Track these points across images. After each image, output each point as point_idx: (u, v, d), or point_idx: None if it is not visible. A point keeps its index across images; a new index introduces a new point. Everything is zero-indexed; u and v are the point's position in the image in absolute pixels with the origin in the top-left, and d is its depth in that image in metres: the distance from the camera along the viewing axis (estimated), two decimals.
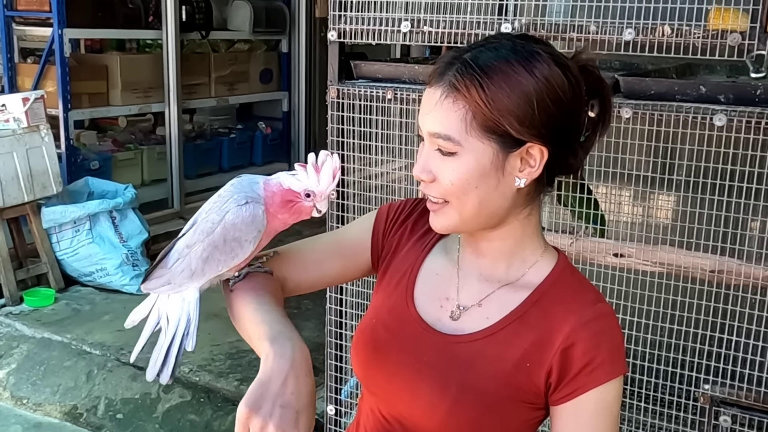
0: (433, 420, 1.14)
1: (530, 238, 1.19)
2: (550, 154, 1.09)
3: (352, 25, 2.08)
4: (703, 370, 1.93)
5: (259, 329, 1.08)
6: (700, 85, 1.78)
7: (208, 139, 6.12)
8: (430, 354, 1.17)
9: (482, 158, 1.07)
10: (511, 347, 1.13)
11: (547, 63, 1.06)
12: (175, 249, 1.19)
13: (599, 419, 1.10)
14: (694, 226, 1.92)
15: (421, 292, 1.23)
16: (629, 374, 2.04)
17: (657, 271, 2.03)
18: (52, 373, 3.58)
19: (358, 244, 1.32)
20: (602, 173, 1.99)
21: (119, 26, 5.26)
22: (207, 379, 3.47)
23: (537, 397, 1.13)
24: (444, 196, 1.11)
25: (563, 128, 1.09)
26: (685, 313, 1.92)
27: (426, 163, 1.11)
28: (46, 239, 4.35)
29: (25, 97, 4.20)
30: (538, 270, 1.18)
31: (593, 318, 1.11)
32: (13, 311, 4.13)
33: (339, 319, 2.56)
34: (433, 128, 1.09)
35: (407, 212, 1.31)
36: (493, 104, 1.04)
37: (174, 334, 1.16)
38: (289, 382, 0.99)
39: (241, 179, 1.21)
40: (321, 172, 1.16)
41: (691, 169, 1.83)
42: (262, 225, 1.16)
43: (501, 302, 1.17)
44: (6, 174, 4.08)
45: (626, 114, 1.79)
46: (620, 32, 1.78)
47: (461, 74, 1.06)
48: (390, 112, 2.11)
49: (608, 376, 1.09)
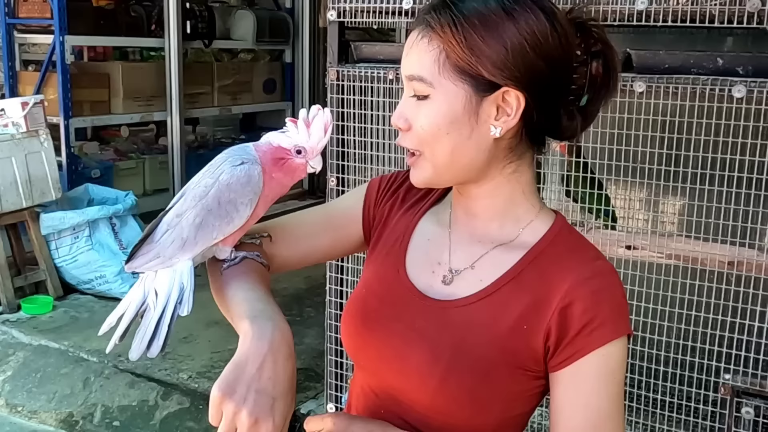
0: (426, 390, 1.06)
1: (523, 197, 1.12)
2: (529, 103, 1.02)
3: (351, 4, 2.01)
4: (723, 359, 1.83)
5: (239, 307, 1.02)
6: (718, 56, 1.70)
7: (211, 148, 6.08)
8: (421, 321, 1.10)
9: (454, 102, 1.02)
10: (506, 310, 1.06)
11: (530, 7, 1.01)
12: (163, 221, 1.11)
13: (602, 385, 1.01)
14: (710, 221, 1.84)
15: (413, 259, 1.17)
16: (644, 365, 1.95)
17: (671, 264, 1.95)
18: (48, 381, 3.51)
19: (349, 216, 1.26)
20: (613, 167, 1.92)
21: (122, 35, 5.24)
22: (206, 386, 3.38)
23: (536, 363, 1.05)
24: (417, 146, 1.06)
25: (545, 78, 1.02)
26: (704, 298, 1.83)
27: (403, 110, 1.07)
28: (44, 246, 4.28)
29: (24, 102, 4.15)
30: (534, 230, 1.11)
31: (592, 275, 1.04)
32: (10, 319, 4.06)
33: (338, 323, 2.49)
34: (409, 70, 1.05)
35: (398, 183, 1.26)
36: (465, 42, 1.00)
37: (165, 306, 1.07)
38: (266, 365, 0.93)
39: (232, 148, 1.15)
40: (311, 127, 1.10)
41: (709, 144, 1.74)
42: (258, 186, 1.09)
43: (494, 263, 1.10)
44: (4, 179, 4.03)
45: (639, 88, 1.72)
46: (632, 2, 1.70)
47: (437, 13, 1.02)
48: (391, 93, 2.03)
49: (610, 336, 1.01)
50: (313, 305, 4.21)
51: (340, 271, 2.44)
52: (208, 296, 1.14)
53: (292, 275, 4.51)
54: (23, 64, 5.26)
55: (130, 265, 1.10)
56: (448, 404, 1.06)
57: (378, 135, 2.11)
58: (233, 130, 6.63)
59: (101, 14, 5.15)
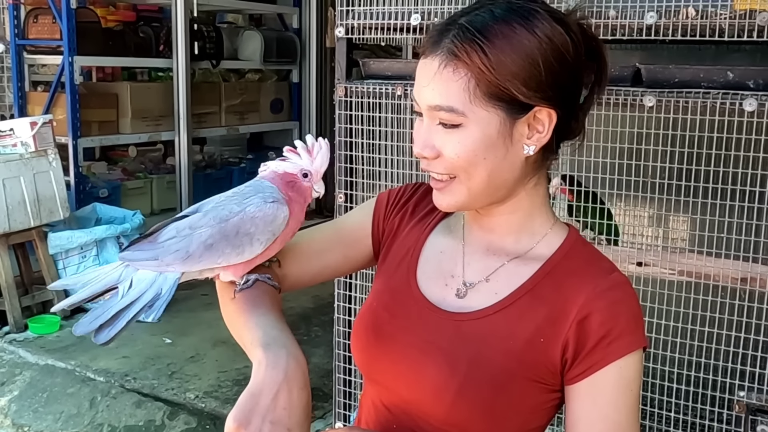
0: (441, 403, 1.05)
1: (539, 210, 1.12)
2: (559, 117, 1.02)
3: (360, 20, 2.01)
4: (737, 376, 1.81)
5: (252, 334, 1.01)
6: (728, 70, 1.70)
7: (218, 168, 6.09)
8: (436, 334, 1.09)
9: (488, 128, 1.01)
10: (522, 322, 1.05)
11: (548, 21, 1.01)
12: (172, 226, 1.10)
13: (619, 397, 1.01)
14: (721, 236, 1.83)
15: (424, 272, 1.16)
16: (657, 382, 1.92)
17: (683, 280, 1.93)
18: (54, 401, 3.49)
19: (359, 230, 1.26)
20: (624, 181, 1.91)
21: (130, 55, 5.27)
22: (213, 406, 3.36)
23: (552, 376, 1.04)
24: (450, 171, 1.04)
25: (569, 89, 1.04)
26: (716, 313, 1.81)
27: (428, 138, 1.04)
28: (52, 265, 4.28)
29: (33, 122, 4.16)
30: (549, 242, 1.11)
31: (609, 287, 1.04)
32: (17, 338, 4.05)
33: (347, 341, 2.47)
34: (434, 101, 1.02)
35: (407, 196, 1.25)
36: (497, 69, 0.98)
37: (134, 301, 1.05)
38: (281, 395, 0.92)
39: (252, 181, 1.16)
40: (313, 153, 1.13)
41: (720, 158, 1.73)
42: (279, 229, 1.10)
43: (510, 276, 1.09)
44: (12, 198, 4.03)
45: (649, 102, 1.71)
46: (641, 16, 1.70)
47: (460, 40, 1.00)
48: (399, 109, 2.03)
49: (627, 349, 1.01)
50: (320, 324, 4.19)
51: (349, 288, 2.42)
52: (214, 316, 1.13)
53: (299, 294, 4.50)
54: (32, 84, 5.29)
55: (124, 255, 1.09)
56: (464, 418, 1.04)
57: (386, 151, 2.11)
58: (240, 149, 6.64)
59: (110, 35, 5.18)
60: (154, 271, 1.08)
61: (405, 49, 4.76)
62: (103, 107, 5.08)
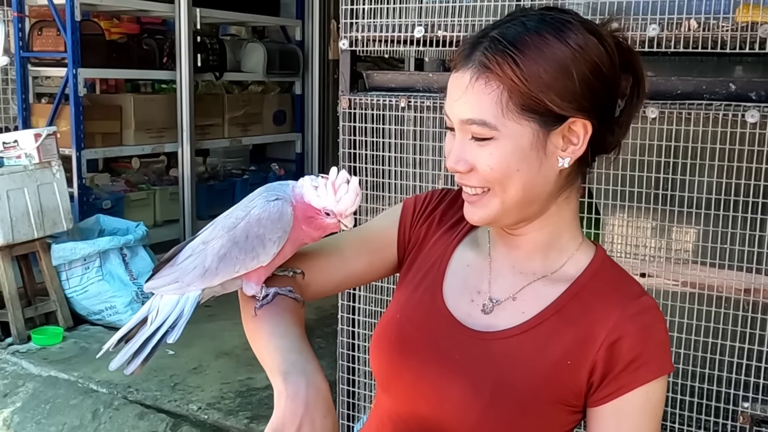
0: (464, 423, 1.04)
1: (568, 226, 1.10)
2: (594, 129, 1.01)
3: (363, 33, 2.02)
4: (741, 387, 1.80)
5: (272, 359, 0.99)
6: (730, 82, 1.70)
7: (221, 179, 6.10)
8: (461, 352, 1.07)
9: (521, 140, 0.99)
10: (550, 344, 1.04)
11: (581, 32, 0.99)
12: (188, 246, 1.10)
13: (643, 421, 1.01)
14: (725, 247, 1.83)
15: (451, 286, 1.14)
16: None
17: (687, 291, 1.93)
18: (57, 412, 3.48)
19: (384, 238, 1.23)
20: (627, 193, 1.91)
21: (134, 67, 5.29)
22: (216, 417, 3.36)
23: (577, 398, 1.03)
24: (485, 184, 1.02)
25: (604, 100, 1.02)
26: (720, 324, 1.81)
27: (460, 152, 1.02)
28: (55, 277, 4.28)
29: (37, 133, 4.18)
30: (576, 262, 1.09)
31: (639, 311, 1.03)
32: (20, 349, 4.04)
33: (351, 352, 2.47)
34: (466, 114, 1.00)
35: (434, 203, 1.23)
36: (530, 80, 0.96)
37: (159, 326, 1.06)
38: (304, 428, 0.90)
39: (271, 183, 1.14)
40: (339, 193, 1.07)
41: (723, 169, 1.73)
42: (288, 225, 1.07)
43: (537, 295, 1.08)
44: (16, 210, 4.04)
45: (652, 114, 1.71)
46: (644, 28, 1.71)
47: (491, 52, 0.98)
48: (403, 121, 2.04)
49: (655, 374, 1.00)
50: (323, 336, 4.19)
51: (352, 300, 2.42)
52: (217, 327, 1.13)
53: None
54: (37, 96, 5.32)
55: (149, 285, 1.10)
56: None
57: (390, 162, 2.11)
58: (243, 161, 6.65)
59: (114, 47, 5.20)
60: (177, 294, 1.08)
61: (407, 61, 4.78)
62: (107, 119, 5.10)
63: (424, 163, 2.07)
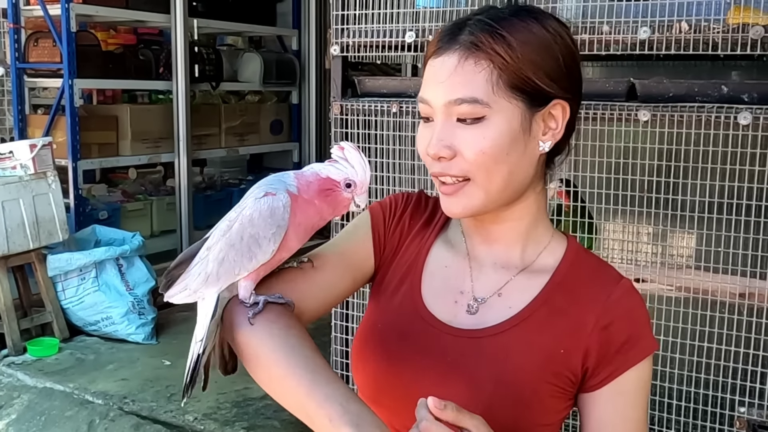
0: None
1: (542, 216, 1.12)
2: (572, 113, 1.03)
3: (355, 38, 2.01)
4: (738, 392, 1.79)
5: (327, 410, 0.89)
6: (722, 84, 1.70)
7: (218, 189, 6.09)
8: (454, 354, 1.06)
9: (512, 120, 0.99)
10: (541, 335, 1.05)
11: (555, 20, 1.03)
12: (199, 252, 1.08)
13: (638, 397, 1.04)
14: (719, 250, 1.81)
15: (430, 288, 1.12)
16: (657, 398, 1.90)
17: (682, 296, 1.92)
18: (52, 424, 3.46)
19: (362, 252, 1.19)
20: (620, 196, 1.90)
21: (130, 78, 5.29)
22: (212, 428, 3.33)
23: (571, 385, 1.05)
24: (467, 172, 1.00)
25: (579, 84, 1.05)
26: (716, 329, 1.79)
27: (443, 137, 1.00)
28: (51, 288, 4.26)
29: (32, 144, 4.17)
30: (552, 252, 1.10)
31: (622, 294, 1.05)
32: (15, 361, 4.02)
33: (345, 360, 2.46)
34: (454, 95, 0.99)
35: (402, 207, 1.21)
36: (521, 58, 0.98)
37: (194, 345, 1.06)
38: None
39: (264, 178, 1.10)
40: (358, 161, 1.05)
41: (716, 172, 1.72)
42: (282, 219, 1.03)
43: (521, 289, 1.08)
44: (12, 221, 4.03)
45: (644, 117, 1.71)
46: (635, 31, 1.70)
47: (480, 31, 0.99)
48: (395, 126, 2.03)
49: (645, 353, 1.04)
50: (321, 345, 4.17)
51: (346, 307, 2.41)
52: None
53: None
54: (33, 107, 5.31)
55: (168, 294, 1.08)
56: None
57: (382, 168, 2.10)
58: (240, 171, 6.65)
59: (110, 58, 5.19)
60: (190, 301, 1.07)
61: (404, 68, 4.78)
62: (103, 129, 5.09)
63: (417, 169, 2.06)
